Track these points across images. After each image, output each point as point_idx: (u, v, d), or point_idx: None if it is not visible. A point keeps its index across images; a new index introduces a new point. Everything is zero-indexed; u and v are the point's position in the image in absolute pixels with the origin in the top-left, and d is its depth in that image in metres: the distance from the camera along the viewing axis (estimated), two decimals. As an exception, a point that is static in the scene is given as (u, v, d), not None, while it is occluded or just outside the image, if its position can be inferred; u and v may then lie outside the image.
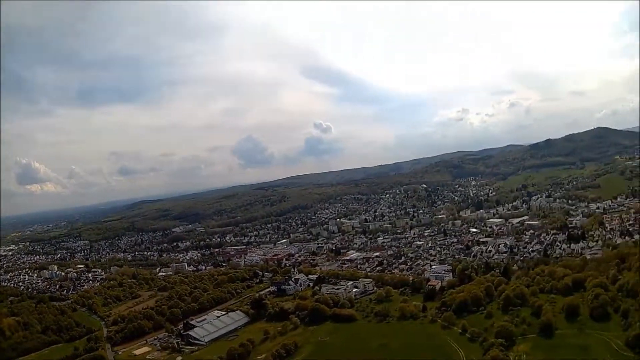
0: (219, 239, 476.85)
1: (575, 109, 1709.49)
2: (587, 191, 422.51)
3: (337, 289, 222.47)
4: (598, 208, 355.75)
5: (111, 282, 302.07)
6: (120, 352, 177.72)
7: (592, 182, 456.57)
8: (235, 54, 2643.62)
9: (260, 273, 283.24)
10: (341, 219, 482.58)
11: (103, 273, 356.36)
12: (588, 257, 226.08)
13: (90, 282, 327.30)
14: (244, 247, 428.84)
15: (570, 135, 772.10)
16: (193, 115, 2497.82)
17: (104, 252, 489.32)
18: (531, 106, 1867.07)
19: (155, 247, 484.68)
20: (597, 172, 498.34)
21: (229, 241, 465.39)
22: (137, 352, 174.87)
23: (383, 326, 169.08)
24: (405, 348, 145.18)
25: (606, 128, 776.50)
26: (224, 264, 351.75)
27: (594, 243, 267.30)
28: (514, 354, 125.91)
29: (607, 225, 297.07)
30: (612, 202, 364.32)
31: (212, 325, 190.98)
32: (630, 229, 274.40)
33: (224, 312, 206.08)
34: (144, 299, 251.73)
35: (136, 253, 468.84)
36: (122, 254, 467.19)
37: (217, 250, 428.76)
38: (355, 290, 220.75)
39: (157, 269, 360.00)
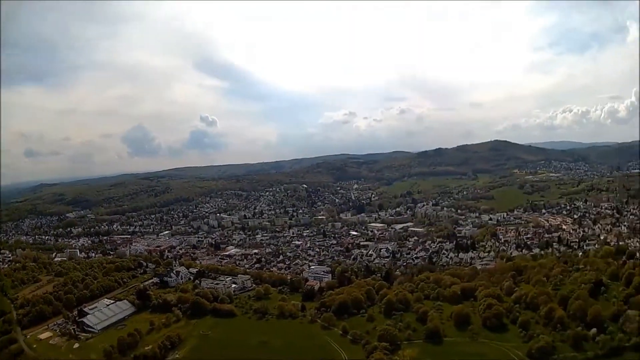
0: (107, 227, 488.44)
1: (472, 120, 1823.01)
2: (479, 202, 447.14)
3: (217, 283, 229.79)
4: (491, 219, 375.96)
5: (17, 264, 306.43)
6: (28, 336, 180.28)
7: (485, 193, 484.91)
8: (137, 43, 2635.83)
9: (145, 263, 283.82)
10: (221, 214, 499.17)
11: (10, 255, 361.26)
12: (479, 267, 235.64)
13: (0, 263, 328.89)
14: (129, 236, 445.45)
15: (464, 146, 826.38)
16: (92, 101, 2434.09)
17: (11, 234, 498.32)
18: (423, 114, 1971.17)
19: (52, 232, 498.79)
20: (491, 184, 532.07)
21: (116, 230, 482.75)
22: (42, 336, 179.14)
23: (263, 323, 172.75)
24: (286, 347, 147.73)
25: (505, 141, 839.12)
26: (111, 253, 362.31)
27: (486, 254, 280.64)
28: (400, 358, 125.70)
29: (501, 237, 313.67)
30: (507, 215, 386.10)
31: (102, 313, 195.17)
32: (529, 243, 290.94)
33: (112, 301, 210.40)
34: (44, 284, 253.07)
35: (36, 236, 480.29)
36: (25, 237, 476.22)
37: (105, 238, 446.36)
38: (234, 286, 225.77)
39: (54, 254, 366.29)
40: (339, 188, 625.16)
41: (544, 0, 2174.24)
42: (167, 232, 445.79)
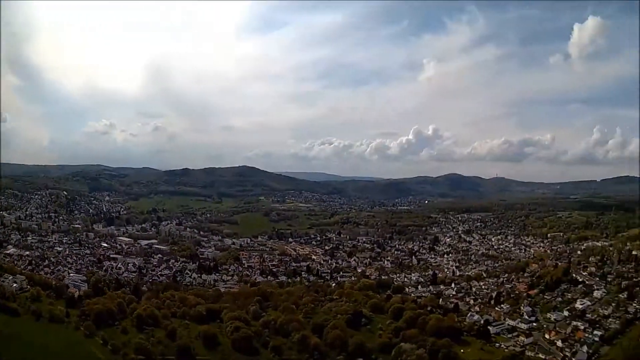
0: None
1: (223, 143, 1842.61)
2: (222, 225, 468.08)
3: (3, 281, 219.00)
4: (234, 244, 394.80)
5: None
6: None
7: (229, 217, 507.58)
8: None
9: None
10: (3, 212, 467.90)
11: None
12: (222, 289, 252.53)
13: None
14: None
15: (212, 169, 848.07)
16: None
17: None
18: (176, 133, 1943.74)
19: None
20: (235, 209, 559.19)
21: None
22: None
23: (40, 325, 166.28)
24: (64, 350, 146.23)
25: (254, 168, 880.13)
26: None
27: (229, 277, 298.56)
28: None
29: (244, 261, 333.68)
30: (251, 240, 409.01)
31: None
32: (274, 270, 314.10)
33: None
34: None
35: None
36: None
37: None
38: (14, 285, 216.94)
39: None
40: (92, 199, 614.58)
41: (321, 34, 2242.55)
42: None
